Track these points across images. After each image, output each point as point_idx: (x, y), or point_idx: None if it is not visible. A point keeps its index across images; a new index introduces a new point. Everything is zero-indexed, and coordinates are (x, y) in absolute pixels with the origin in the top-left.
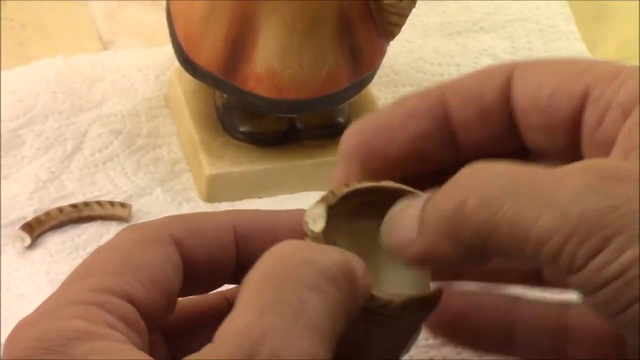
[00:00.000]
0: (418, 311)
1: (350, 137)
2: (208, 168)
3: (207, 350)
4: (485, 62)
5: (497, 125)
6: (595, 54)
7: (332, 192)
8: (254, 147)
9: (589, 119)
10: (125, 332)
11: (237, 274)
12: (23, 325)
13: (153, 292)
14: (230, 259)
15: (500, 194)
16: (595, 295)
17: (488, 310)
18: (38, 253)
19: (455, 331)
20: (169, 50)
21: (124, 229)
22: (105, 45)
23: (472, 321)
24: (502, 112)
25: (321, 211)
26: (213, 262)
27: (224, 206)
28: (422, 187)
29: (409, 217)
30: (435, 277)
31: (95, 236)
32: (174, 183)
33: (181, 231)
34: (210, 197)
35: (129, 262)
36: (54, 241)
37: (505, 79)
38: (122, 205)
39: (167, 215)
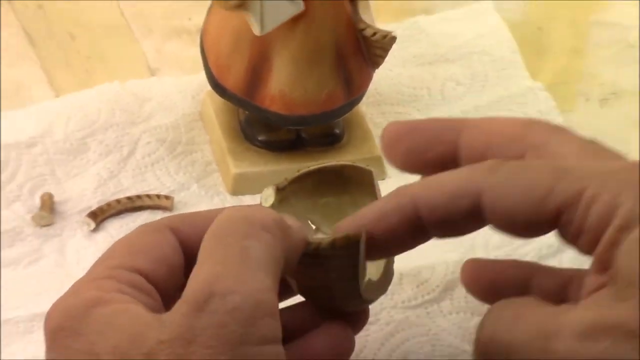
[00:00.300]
0: (346, 248)
1: None
2: (233, 168)
3: (177, 305)
4: (450, 86)
5: (468, 224)
6: (536, 78)
7: (285, 178)
8: (269, 153)
9: (565, 237)
10: (135, 295)
11: None
12: (55, 304)
13: (156, 264)
14: None
15: (507, 343)
16: None
17: (511, 275)
18: (101, 235)
19: (487, 293)
20: (202, 76)
21: (136, 228)
22: (152, 73)
23: (500, 284)
24: (474, 220)
25: (270, 192)
26: None
27: (246, 199)
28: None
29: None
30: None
31: (146, 222)
32: (207, 180)
33: (176, 222)
34: (235, 192)
35: (135, 246)
36: (114, 226)
37: (471, 203)
38: (167, 197)
39: (203, 205)
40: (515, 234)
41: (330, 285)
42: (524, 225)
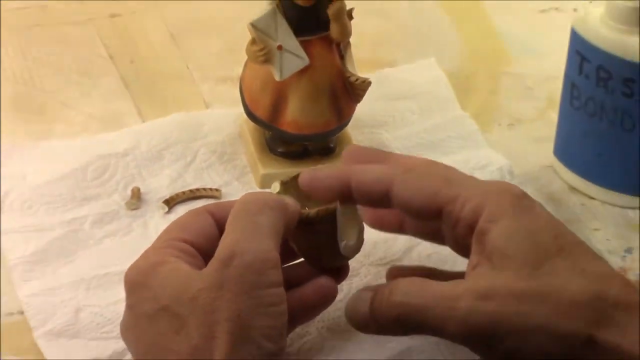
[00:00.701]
0: (327, 216)
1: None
2: (262, 170)
3: (210, 262)
4: (407, 114)
5: (381, 201)
6: (464, 110)
7: (287, 176)
8: (286, 160)
9: (445, 226)
10: (184, 258)
11: None
12: (131, 266)
13: (198, 236)
14: None
15: (420, 305)
16: None
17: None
18: (172, 216)
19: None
20: (241, 108)
21: (185, 212)
22: (207, 106)
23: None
24: (384, 200)
25: (277, 184)
26: None
27: (269, 191)
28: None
29: (362, 308)
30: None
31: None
32: (244, 179)
33: (212, 207)
34: (262, 186)
35: (184, 224)
36: (181, 209)
37: (386, 188)
38: (217, 190)
39: (241, 196)
40: (409, 215)
41: (319, 245)
42: (417, 211)
